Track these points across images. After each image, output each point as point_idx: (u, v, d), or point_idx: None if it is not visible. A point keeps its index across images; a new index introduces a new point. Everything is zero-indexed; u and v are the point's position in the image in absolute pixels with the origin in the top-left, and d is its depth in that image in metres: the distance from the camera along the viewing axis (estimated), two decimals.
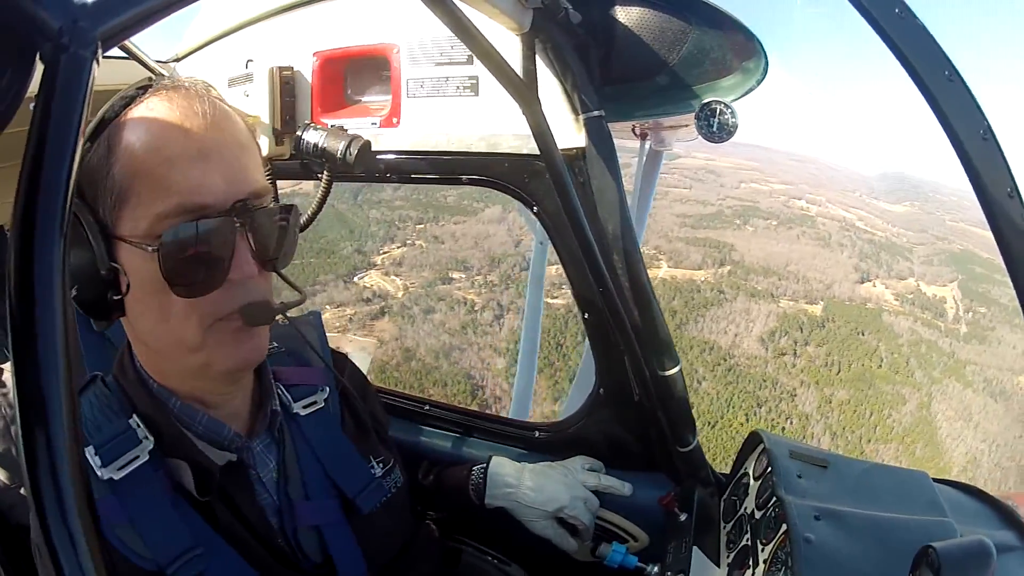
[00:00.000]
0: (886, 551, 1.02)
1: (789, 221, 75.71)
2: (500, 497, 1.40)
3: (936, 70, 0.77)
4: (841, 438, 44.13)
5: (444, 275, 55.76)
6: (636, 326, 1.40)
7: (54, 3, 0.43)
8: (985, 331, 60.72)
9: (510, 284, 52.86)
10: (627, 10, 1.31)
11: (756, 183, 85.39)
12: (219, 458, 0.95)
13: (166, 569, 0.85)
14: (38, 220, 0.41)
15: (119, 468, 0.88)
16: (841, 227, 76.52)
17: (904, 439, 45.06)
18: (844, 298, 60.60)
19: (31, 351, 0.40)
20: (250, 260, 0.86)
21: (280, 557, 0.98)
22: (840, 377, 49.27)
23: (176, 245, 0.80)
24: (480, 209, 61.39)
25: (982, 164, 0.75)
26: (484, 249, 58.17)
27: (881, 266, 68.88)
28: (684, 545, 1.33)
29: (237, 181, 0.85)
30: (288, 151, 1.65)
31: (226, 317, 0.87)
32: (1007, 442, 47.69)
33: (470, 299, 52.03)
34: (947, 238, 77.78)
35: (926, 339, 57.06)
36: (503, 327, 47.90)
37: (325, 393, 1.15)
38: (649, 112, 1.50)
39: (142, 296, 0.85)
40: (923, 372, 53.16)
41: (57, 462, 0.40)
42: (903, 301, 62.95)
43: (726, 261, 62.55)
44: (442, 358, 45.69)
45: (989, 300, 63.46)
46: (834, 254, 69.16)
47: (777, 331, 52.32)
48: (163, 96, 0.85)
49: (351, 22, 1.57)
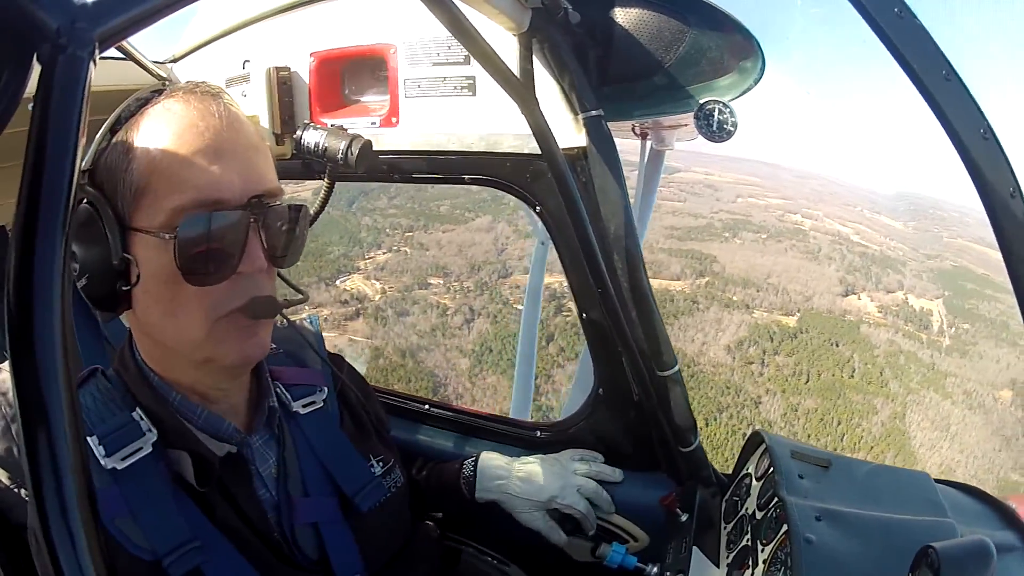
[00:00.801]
0: (887, 551, 1.02)
1: (779, 235, 76.00)
2: (491, 490, 1.40)
3: (934, 70, 0.77)
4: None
5: (423, 280, 57.00)
6: (634, 326, 1.40)
7: (53, 4, 0.43)
8: (967, 345, 60.88)
9: (485, 290, 54.46)
10: (626, 10, 1.31)
11: (754, 198, 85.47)
12: (219, 449, 0.97)
13: (163, 560, 0.86)
14: (39, 221, 0.41)
15: (122, 459, 0.89)
16: (833, 241, 76.68)
17: (873, 448, 44.85)
18: (823, 310, 60.77)
19: (29, 350, 0.40)
20: (260, 255, 0.90)
21: (277, 552, 0.99)
22: (808, 386, 49.24)
23: (192, 235, 0.83)
24: (471, 219, 62.61)
25: (983, 164, 0.75)
26: (467, 256, 59.43)
27: (869, 279, 69.05)
28: (684, 545, 1.33)
29: (252, 179, 0.89)
30: (289, 151, 1.65)
31: (231, 314, 0.89)
32: (985, 454, 47.92)
33: (443, 303, 53.38)
34: (941, 255, 78.09)
35: (905, 350, 57.17)
36: (472, 330, 49.49)
37: (324, 393, 1.16)
38: (647, 112, 1.50)
39: (152, 287, 0.87)
40: (899, 383, 53.36)
41: (59, 462, 0.40)
42: (887, 313, 63.11)
43: (706, 272, 62.66)
44: (408, 357, 47.16)
45: (975, 316, 63.71)
46: (820, 267, 69.48)
47: (746, 340, 52.26)
48: (179, 98, 0.89)
49: (348, 22, 1.57)
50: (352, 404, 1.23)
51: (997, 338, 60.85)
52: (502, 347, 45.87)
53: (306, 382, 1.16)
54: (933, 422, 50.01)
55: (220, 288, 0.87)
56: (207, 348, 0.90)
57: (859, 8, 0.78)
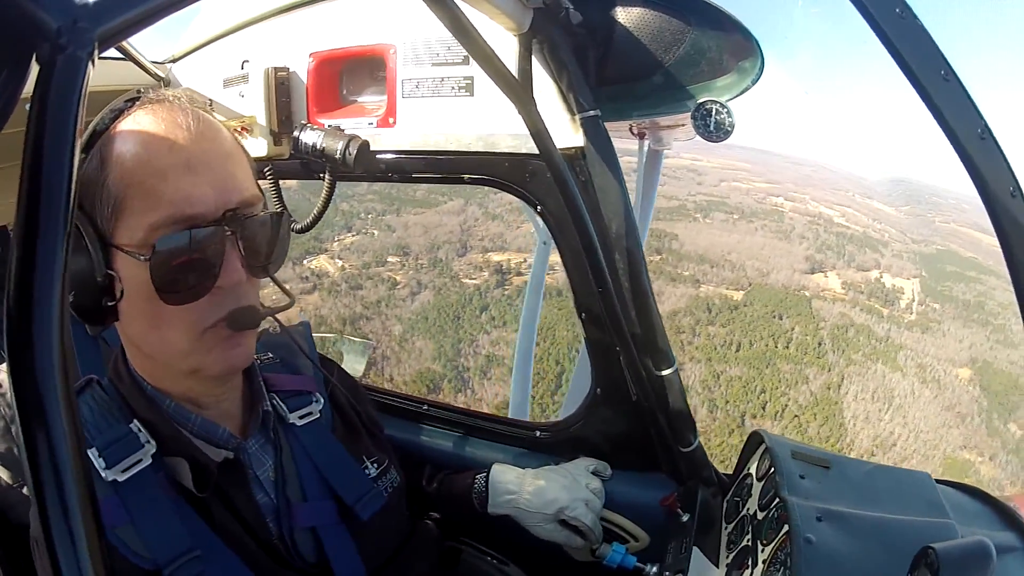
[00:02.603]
0: (887, 552, 1.02)
1: (753, 215, 75.60)
2: (502, 505, 1.41)
3: (932, 70, 0.77)
4: (722, 411, 43.68)
5: (381, 258, 58.69)
6: (633, 326, 1.40)
7: (54, 3, 0.42)
8: (933, 322, 60.73)
9: (436, 266, 57.12)
10: (627, 10, 1.30)
11: (739, 182, 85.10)
12: (216, 455, 0.97)
13: (164, 569, 0.86)
14: (40, 221, 0.41)
15: (123, 471, 0.89)
16: (811, 222, 76.19)
17: (797, 418, 44.47)
18: (778, 285, 60.65)
19: (28, 350, 0.40)
20: (238, 267, 0.88)
21: (276, 557, 0.99)
22: (738, 356, 48.85)
23: (167, 255, 0.83)
24: (443, 202, 63.57)
25: (982, 164, 0.75)
26: (431, 237, 60.89)
27: (842, 257, 68.70)
28: (684, 545, 1.33)
29: (226, 190, 0.88)
30: (287, 151, 1.65)
31: (214, 326, 0.89)
32: (933, 428, 47.77)
33: (395, 278, 55.39)
34: (928, 239, 77.77)
35: (858, 324, 56.88)
36: (415, 302, 52.29)
37: (320, 404, 1.16)
38: (645, 112, 1.50)
39: (135, 302, 0.87)
40: (840, 355, 53.06)
41: (59, 462, 0.40)
42: (850, 289, 62.76)
43: (663, 250, 62.39)
44: (348, 324, 49.02)
45: (948, 296, 63.54)
46: (790, 246, 69.13)
47: (681, 311, 52.09)
48: (148, 110, 0.88)
49: (346, 23, 1.57)
50: (343, 407, 1.23)
51: (967, 319, 60.81)
52: (437, 315, 49.50)
53: (300, 388, 1.16)
54: (873, 394, 50.02)
55: (201, 302, 0.87)
56: (192, 360, 0.91)
57: (859, 7, 0.78)
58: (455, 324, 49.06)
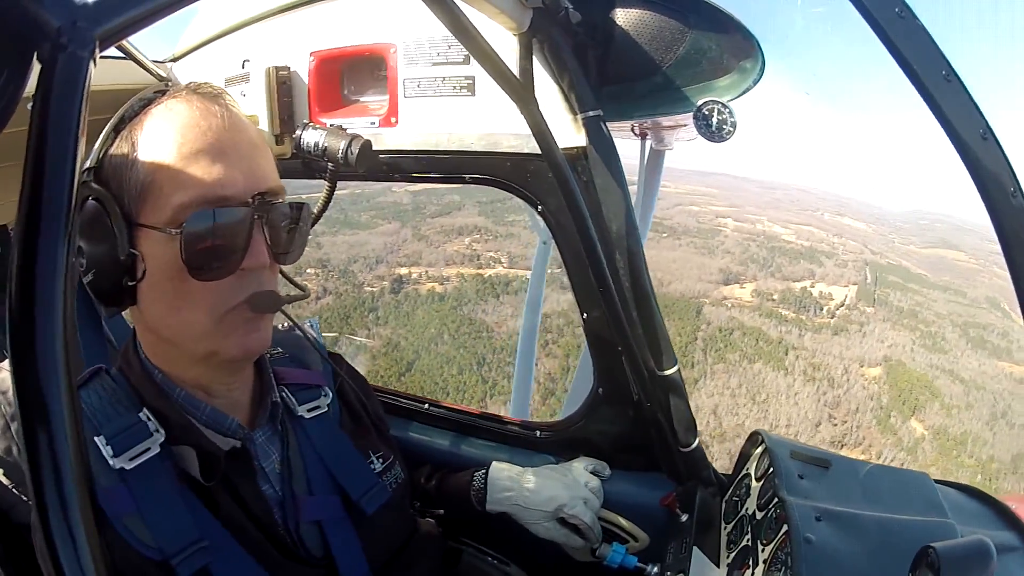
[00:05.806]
0: (887, 552, 1.02)
1: (684, 234, 76.90)
2: (501, 502, 1.41)
3: (934, 71, 0.77)
4: (556, 399, 43.59)
5: (300, 270, 62.69)
6: (635, 326, 1.40)
7: (55, 3, 0.42)
8: (852, 325, 61.45)
9: (343, 276, 63.85)
10: (626, 11, 1.31)
11: (695, 205, 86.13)
12: (224, 444, 0.98)
13: (171, 560, 0.86)
14: (42, 220, 0.41)
15: (130, 459, 0.89)
16: (747, 239, 77.26)
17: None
18: (676, 294, 62.30)
19: (30, 349, 0.40)
20: (264, 251, 0.91)
21: (282, 548, 0.99)
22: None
23: (198, 230, 0.85)
24: (379, 224, 71.59)
25: (983, 164, 0.75)
26: (351, 255, 67.29)
27: (765, 269, 69.92)
28: (684, 545, 1.33)
29: (255, 177, 0.91)
30: (289, 150, 1.65)
31: (235, 308, 0.91)
32: (799, 423, 48.67)
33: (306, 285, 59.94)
34: (881, 252, 78.75)
35: (748, 327, 57.80)
36: (317, 303, 56.37)
37: (328, 398, 1.17)
38: (646, 112, 1.49)
39: (158, 281, 0.89)
40: (708, 355, 54.42)
41: (59, 461, 0.40)
42: (760, 297, 63.70)
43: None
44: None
45: (881, 302, 64.33)
46: (709, 260, 70.36)
47: (555, 314, 52.40)
48: (182, 98, 0.91)
49: (347, 22, 1.57)
50: (351, 401, 1.24)
51: (896, 322, 61.59)
52: (331, 314, 55.09)
53: (309, 382, 1.17)
54: (734, 391, 51.02)
55: (224, 283, 0.89)
56: (211, 342, 0.92)
57: (859, 7, 0.78)
58: (343, 322, 56.23)
